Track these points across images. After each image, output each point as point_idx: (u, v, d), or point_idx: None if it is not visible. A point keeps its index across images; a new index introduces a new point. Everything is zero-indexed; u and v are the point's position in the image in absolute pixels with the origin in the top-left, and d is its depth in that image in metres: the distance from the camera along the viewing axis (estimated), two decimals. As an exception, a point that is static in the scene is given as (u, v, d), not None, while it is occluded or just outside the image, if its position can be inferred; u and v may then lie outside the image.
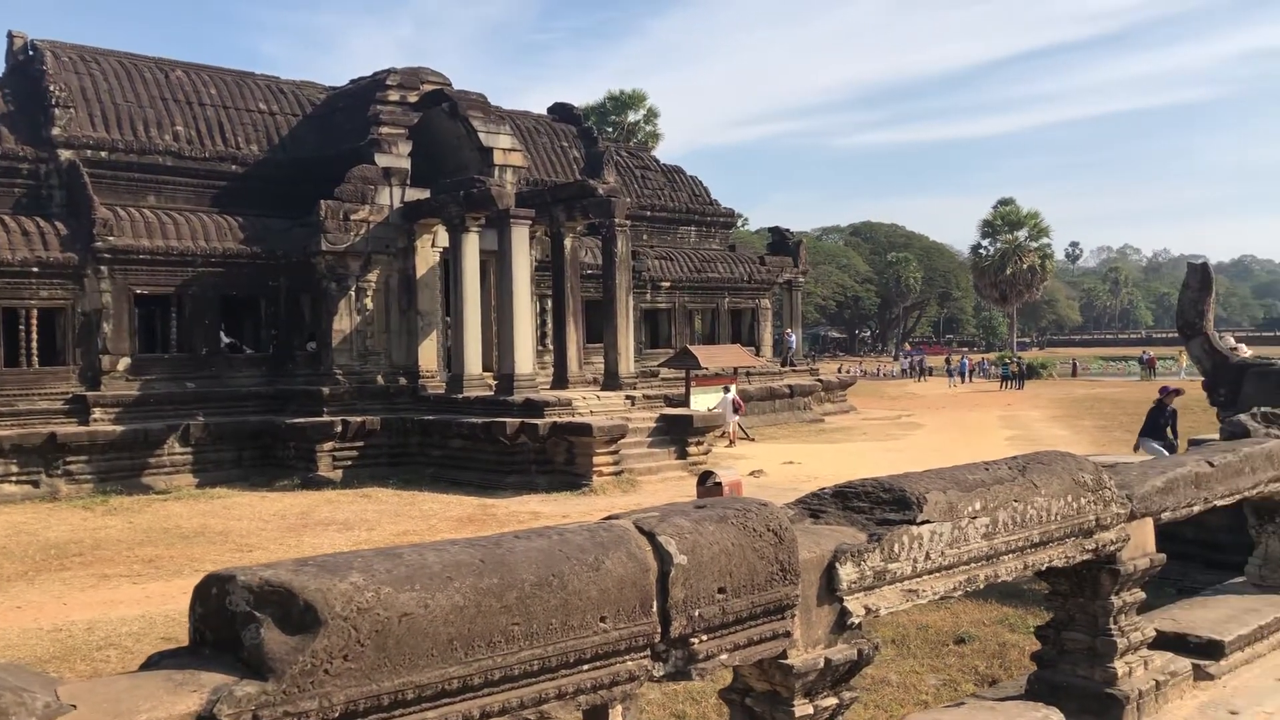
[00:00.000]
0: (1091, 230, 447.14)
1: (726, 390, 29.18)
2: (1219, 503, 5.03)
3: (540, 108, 34.92)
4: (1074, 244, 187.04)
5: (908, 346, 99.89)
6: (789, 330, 39.86)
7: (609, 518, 2.97)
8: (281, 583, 2.21)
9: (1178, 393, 17.24)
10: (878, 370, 73.88)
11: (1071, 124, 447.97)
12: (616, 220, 24.10)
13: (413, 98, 25.37)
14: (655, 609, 2.75)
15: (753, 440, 28.99)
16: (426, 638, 2.32)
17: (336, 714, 2.18)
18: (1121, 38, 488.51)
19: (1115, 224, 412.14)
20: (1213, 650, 4.86)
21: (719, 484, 15.06)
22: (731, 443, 28.01)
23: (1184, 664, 4.67)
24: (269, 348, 25.17)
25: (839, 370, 55.82)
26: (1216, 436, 7.59)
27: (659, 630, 2.76)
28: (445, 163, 25.14)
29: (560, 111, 34.44)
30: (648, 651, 2.76)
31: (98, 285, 22.37)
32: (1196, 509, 4.88)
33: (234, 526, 16.93)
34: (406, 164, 24.83)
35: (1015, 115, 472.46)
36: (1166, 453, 16.09)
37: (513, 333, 23.12)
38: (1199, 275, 11.23)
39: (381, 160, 24.50)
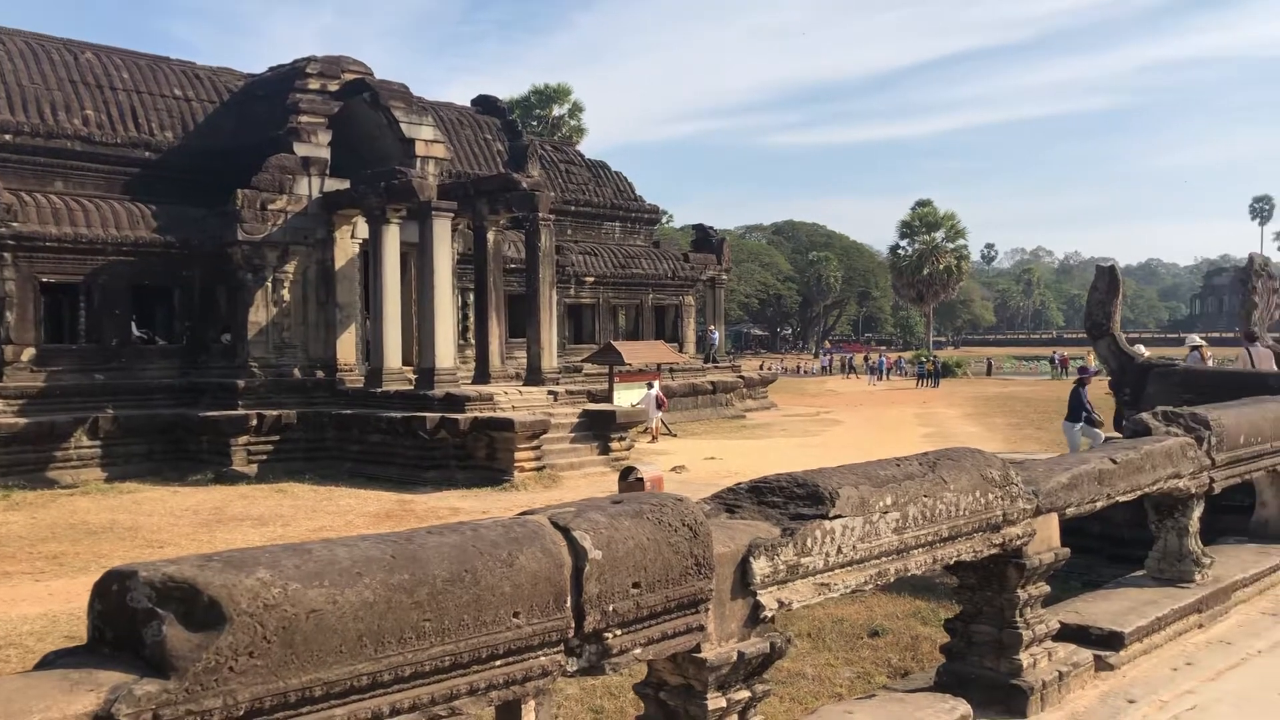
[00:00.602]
0: (1006, 232, 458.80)
1: (650, 386, 29.27)
2: (1121, 498, 5.18)
3: (464, 100, 34.65)
4: (989, 245, 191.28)
5: (828, 344, 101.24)
6: (712, 327, 40.10)
7: (524, 513, 2.96)
8: (185, 579, 2.16)
9: (1096, 373, 17.88)
10: (798, 368, 74.74)
11: (989, 128, 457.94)
12: (540, 214, 24.01)
13: (333, 87, 24.98)
14: (569, 604, 2.75)
15: (675, 436, 29.14)
16: (335, 634, 2.29)
17: (241, 712, 2.15)
18: (1036, 46, 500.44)
19: (1029, 227, 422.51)
20: (1113, 641, 5.01)
21: (640, 479, 15.11)
22: (654, 438, 28.11)
23: (1086, 655, 4.81)
24: (182, 339, 24.58)
25: (761, 367, 56.33)
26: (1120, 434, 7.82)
27: (572, 625, 2.76)
28: (366, 154, 24.79)
29: (484, 104, 34.18)
30: (561, 647, 2.76)
31: (0, 273, 21.63)
32: (1100, 504, 5.02)
33: (144, 522, 16.51)
34: (326, 154, 24.44)
35: (935, 118, 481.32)
36: (1081, 431, 16.69)
37: (433, 326, 22.90)
38: (1107, 278, 11.56)
39: (300, 149, 24.08)
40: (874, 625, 10.06)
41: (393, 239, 23.36)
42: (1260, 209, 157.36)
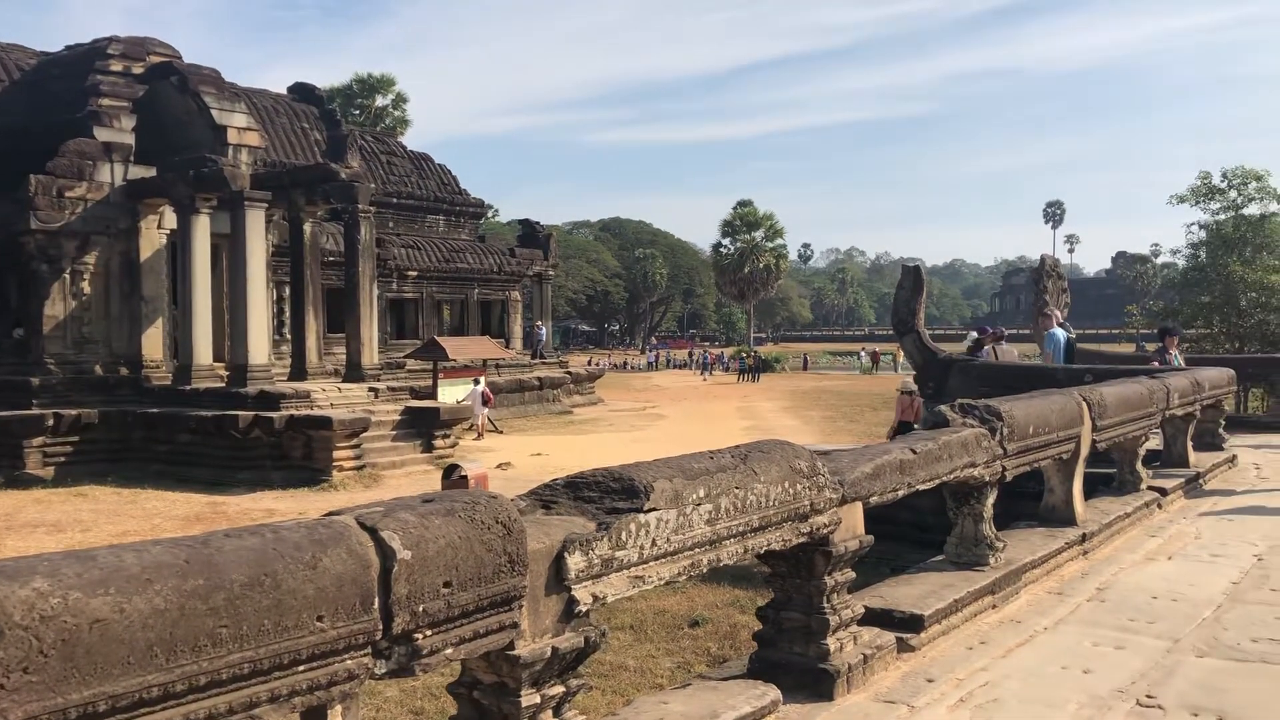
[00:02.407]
0: (822, 232, 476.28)
1: (476, 382, 29.00)
2: (921, 487, 5.42)
3: (282, 87, 33.45)
4: (806, 245, 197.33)
5: (654, 340, 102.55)
6: (539, 323, 40.05)
7: (330, 514, 2.88)
8: (-51, 592, 2.01)
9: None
10: (625, 363, 75.42)
11: (806, 131, 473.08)
12: (360, 206, 23.46)
13: (138, 69, 23.71)
14: (377, 606, 2.69)
15: (501, 433, 28.96)
16: (123, 644, 2.17)
17: (14, 732, 2.01)
18: (851, 53, 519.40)
19: (843, 227, 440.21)
20: (914, 624, 5.25)
21: (464, 477, 14.94)
22: (480, 435, 27.87)
23: (889, 638, 5.02)
24: (-33, 334, 22.89)
25: (588, 363, 56.55)
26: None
27: (381, 627, 2.70)
28: (174, 141, 23.63)
29: (301, 92, 33.09)
30: (369, 649, 2.70)
31: None
32: (901, 493, 5.25)
33: (-78, 532, 15.31)
34: (130, 139, 23.18)
35: (756, 120, 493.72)
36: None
37: (246, 321, 22.06)
38: (912, 277, 12.12)
39: (101, 134, 22.76)
40: (695, 616, 10.27)
41: (203, 230, 22.38)
42: (1053, 213, 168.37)
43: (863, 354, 73.71)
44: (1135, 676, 4.93)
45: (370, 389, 22.92)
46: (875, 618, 5.21)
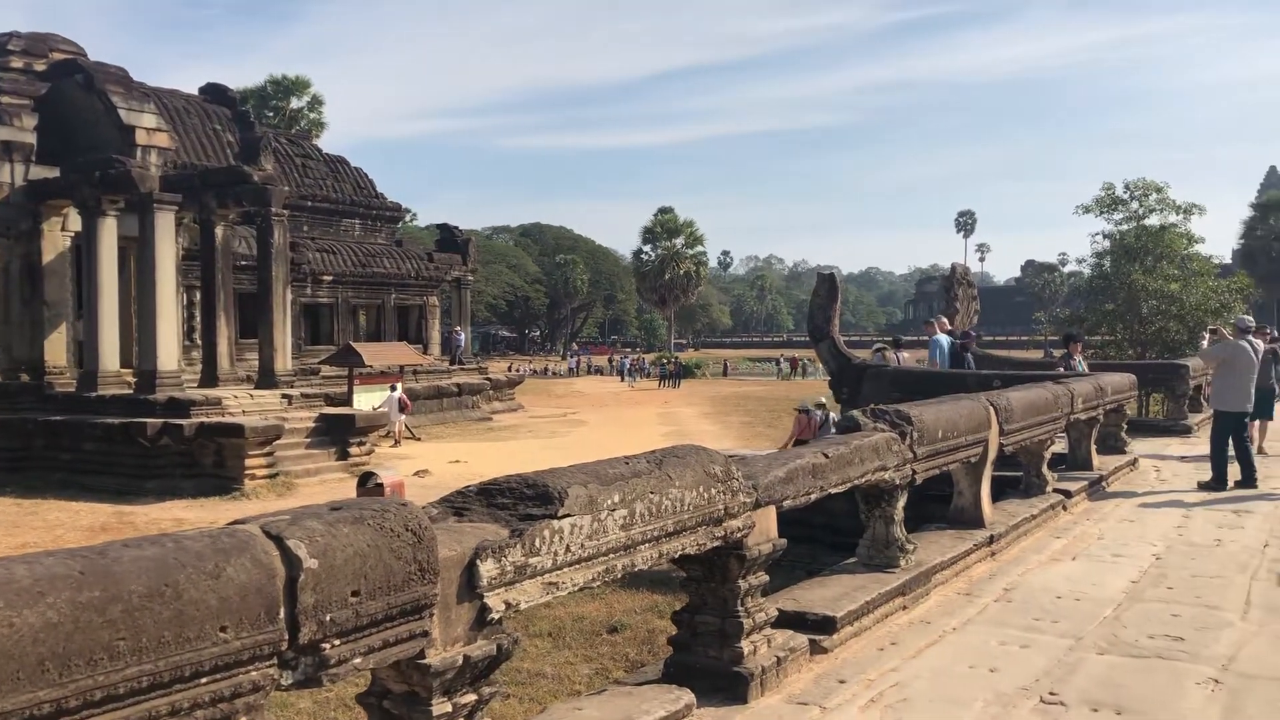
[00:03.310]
0: (741, 240, 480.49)
1: (393, 389, 28.64)
2: (833, 490, 5.51)
3: (193, 88, 32.70)
4: (726, 252, 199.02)
5: (575, 346, 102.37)
6: (458, 328, 39.73)
7: (235, 522, 2.82)
8: None
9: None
10: (546, 369, 75.17)
11: (726, 139, 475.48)
12: (273, 209, 23.05)
13: (40, 66, 23.02)
14: (283, 615, 2.65)
15: (419, 440, 28.64)
16: (12, 660, 2.10)
17: (-107, 753, 1.94)
18: (765, 63, 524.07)
19: (762, 235, 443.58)
20: (826, 626, 5.32)
21: (380, 485, 14.72)
22: (397, 442, 27.54)
23: (802, 640, 5.08)
24: None
25: (509, 369, 56.31)
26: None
27: (287, 637, 2.66)
28: (81, 141, 22.96)
29: (213, 92, 32.41)
30: (274, 660, 2.65)
31: None
32: (814, 496, 5.32)
33: None
34: (32, 139, 22.48)
35: (675, 128, 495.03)
36: None
37: (155, 326, 21.52)
38: (827, 285, 12.30)
39: (1, 133, 22.03)
40: (613, 621, 10.28)
41: (109, 233, 21.77)
42: (964, 223, 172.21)
43: (781, 360, 74.69)
44: (1039, 674, 5.07)
45: (284, 396, 22.51)
46: (789, 620, 5.28)
